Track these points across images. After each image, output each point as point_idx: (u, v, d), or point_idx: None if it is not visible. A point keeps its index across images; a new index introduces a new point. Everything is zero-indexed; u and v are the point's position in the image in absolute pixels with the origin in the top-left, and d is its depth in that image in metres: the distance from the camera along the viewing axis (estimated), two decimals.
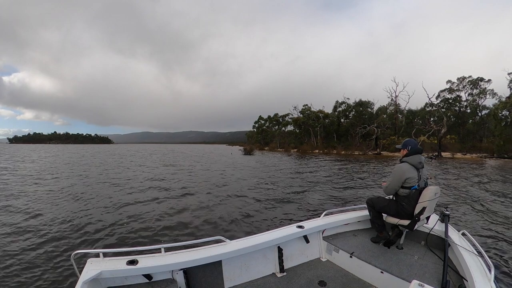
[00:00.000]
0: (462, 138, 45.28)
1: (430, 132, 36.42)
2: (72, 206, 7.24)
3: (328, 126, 59.32)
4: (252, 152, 43.14)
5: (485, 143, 40.82)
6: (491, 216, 6.40)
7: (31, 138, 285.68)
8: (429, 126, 37.62)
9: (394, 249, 3.08)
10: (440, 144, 34.45)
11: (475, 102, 47.07)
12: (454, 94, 49.75)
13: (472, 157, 32.60)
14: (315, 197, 8.52)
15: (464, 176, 14.29)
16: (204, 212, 6.68)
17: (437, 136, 35.29)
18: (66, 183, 11.40)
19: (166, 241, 4.83)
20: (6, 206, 7.21)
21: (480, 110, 46.86)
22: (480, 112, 46.97)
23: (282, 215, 6.53)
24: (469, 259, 2.37)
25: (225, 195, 8.78)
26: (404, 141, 3.19)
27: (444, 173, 15.51)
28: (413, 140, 3.14)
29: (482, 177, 13.76)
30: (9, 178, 12.51)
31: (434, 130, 35.89)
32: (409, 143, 3.10)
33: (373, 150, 40.82)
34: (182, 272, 2.34)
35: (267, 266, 2.86)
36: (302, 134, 63.18)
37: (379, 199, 3.23)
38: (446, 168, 19.06)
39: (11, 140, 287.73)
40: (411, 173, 2.87)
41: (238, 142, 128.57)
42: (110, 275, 2.07)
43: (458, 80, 49.05)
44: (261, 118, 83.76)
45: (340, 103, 59.01)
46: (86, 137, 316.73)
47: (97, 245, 4.61)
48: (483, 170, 17.76)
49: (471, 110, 47.96)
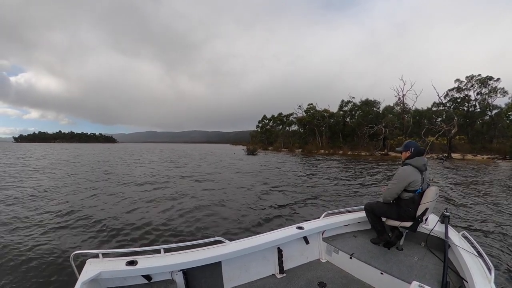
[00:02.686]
0: (471, 138, 44.05)
1: (440, 132, 35.29)
2: (72, 206, 7.11)
3: (333, 126, 58.34)
4: (256, 152, 42.19)
5: (495, 143, 39.68)
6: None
7: (36, 137, 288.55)
8: (439, 126, 36.47)
9: (394, 250, 3.06)
10: (450, 144, 33.38)
11: (486, 101, 45.77)
12: (463, 94, 48.64)
13: (483, 159, 31.47)
14: (319, 202, 7.90)
15: (487, 180, 13.37)
16: (204, 213, 6.57)
17: (447, 137, 34.19)
18: (63, 181, 11.21)
19: (166, 241, 4.77)
20: (6, 205, 7.15)
21: (491, 110, 45.57)
22: (490, 112, 45.69)
23: (283, 217, 6.38)
24: (469, 260, 2.36)
25: (225, 196, 8.57)
26: (405, 143, 3.11)
27: (464, 176, 14.57)
28: (414, 142, 3.07)
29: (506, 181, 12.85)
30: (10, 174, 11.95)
31: (444, 130, 34.76)
32: (411, 144, 3.02)
33: (380, 150, 39.71)
34: (181, 273, 2.31)
35: (267, 267, 2.84)
36: (307, 133, 62.17)
37: (378, 204, 3.15)
38: (461, 169, 18.15)
39: (16, 139, 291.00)
40: (415, 176, 2.80)
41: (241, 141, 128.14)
42: (110, 276, 2.04)
43: (467, 78, 47.93)
44: (265, 117, 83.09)
45: (346, 102, 58.07)
46: (91, 136, 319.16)
47: (96, 246, 4.57)
48: (502, 173, 16.80)
49: (481, 109, 46.63)
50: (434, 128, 37.76)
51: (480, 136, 45.48)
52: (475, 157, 32.47)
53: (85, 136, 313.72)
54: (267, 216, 6.35)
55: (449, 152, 32.81)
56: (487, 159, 31.24)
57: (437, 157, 31.75)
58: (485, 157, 32.23)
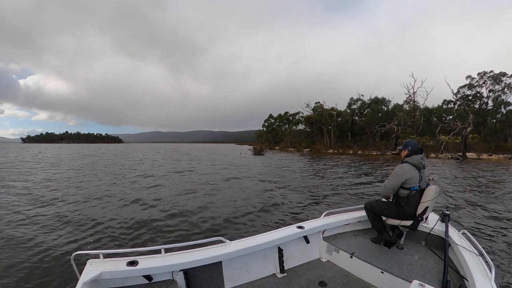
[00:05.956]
0: (484, 137, 42.80)
1: (455, 130, 34.25)
2: (71, 206, 7.16)
3: (342, 125, 57.38)
4: (263, 152, 41.55)
5: (510, 142, 38.50)
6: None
7: (43, 138, 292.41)
8: (454, 124, 35.41)
9: (395, 249, 3.06)
10: (465, 143, 32.36)
11: (500, 98, 44.40)
12: (474, 91, 47.38)
13: (499, 158, 30.31)
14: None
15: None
16: (204, 213, 6.56)
17: (462, 135, 33.15)
18: (64, 181, 11.23)
19: (166, 242, 4.77)
20: (5, 205, 7.19)
21: (505, 107, 44.13)
22: (505, 109, 44.27)
23: (283, 217, 6.37)
24: (470, 259, 2.35)
25: (226, 197, 8.51)
26: (404, 142, 3.19)
27: (499, 183, 13.76)
28: (413, 141, 3.14)
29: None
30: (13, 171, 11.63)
31: (459, 129, 33.72)
32: (409, 143, 3.10)
33: (392, 150, 38.73)
34: (182, 273, 2.31)
35: (267, 266, 2.84)
36: (314, 133, 61.23)
37: (377, 202, 3.18)
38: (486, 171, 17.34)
39: (24, 140, 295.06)
40: (412, 174, 2.84)
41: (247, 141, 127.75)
42: (110, 276, 2.04)
43: (479, 75, 46.64)
44: (271, 116, 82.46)
45: (355, 100, 57.11)
46: (97, 137, 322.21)
47: (97, 246, 4.56)
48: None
49: (495, 106, 45.23)
50: (449, 127, 36.70)
51: (493, 134, 44.18)
52: (491, 157, 31.35)
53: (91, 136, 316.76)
54: (267, 216, 6.36)
55: (464, 151, 31.77)
56: (503, 158, 30.12)
57: (451, 157, 30.85)
58: (501, 157, 31.11)
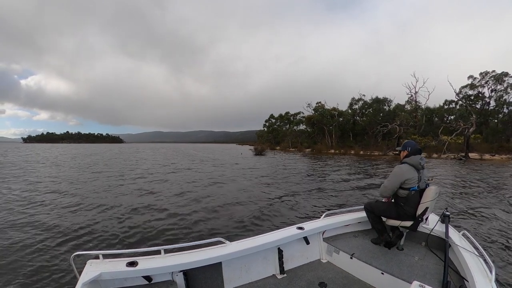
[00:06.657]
0: (486, 137, 42.58)
1: (458, 131, 34.06)
2: (71, 206, 7.18)
3: (343, 125, 57.17)
4: (264, 152, 41.37)
5: None
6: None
7: (43, 138, 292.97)
8: (457, 124, 35.20)
9: (395, 250, 3.05)
10: (468, 144, 32.14)
11: (502, 98, 44.16)
12: (476, 91, 47.17)
13: (502, 159, 30.09)
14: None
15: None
16: (204, 214, 6.55)
17: (464, 135, 32.93)
18: (64, 181, 11.24)
19: (166, 242, 4.73)
20: (5, 205, 7.23)
21: (507, 107, 43.91)
22: (507, 109, 44.03)
23: (284, 217, 6.39)
24: (470, 260, 2.34)
25: (226, 198, 8.50)
26: (404, 142, 3.19)
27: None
28: (412, 142, 3.15)
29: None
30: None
31: (461, 129, 33.51)
32: (408, 144, 3.11)
33: (394, 150, 38.54)
34: (182, 274, 2.30)
35: (267, 267, 2.83)
36: (316, 133, 60.99)
37: (377, 203, 3.18)
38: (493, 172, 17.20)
39: (25, 140, 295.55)
40: (411, 174, 2.84)
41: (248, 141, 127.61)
42: (110, 277, 2.03)
43: (481, 75, 46.47)
44: (272, 116, 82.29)
45: (356, 100, 56.85)
46: (98, 137, 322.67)
47: (97, 247, 4.56)
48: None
49: (498, 106, 45.03)
50: (451, 127, 36.50)
51: (496, 135, 43.95)
52: (493, 157, 31.16)
53: (92, 136, 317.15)
54: (267, 217, 6.34)
55: (466, 151, 31.57)
56: (506, 159, 29.92)
57: (454, 157, 30.67)
58: (504, 157, 30.90)
